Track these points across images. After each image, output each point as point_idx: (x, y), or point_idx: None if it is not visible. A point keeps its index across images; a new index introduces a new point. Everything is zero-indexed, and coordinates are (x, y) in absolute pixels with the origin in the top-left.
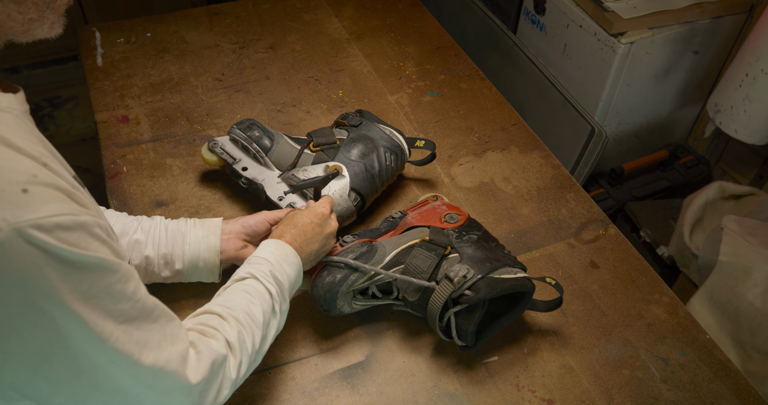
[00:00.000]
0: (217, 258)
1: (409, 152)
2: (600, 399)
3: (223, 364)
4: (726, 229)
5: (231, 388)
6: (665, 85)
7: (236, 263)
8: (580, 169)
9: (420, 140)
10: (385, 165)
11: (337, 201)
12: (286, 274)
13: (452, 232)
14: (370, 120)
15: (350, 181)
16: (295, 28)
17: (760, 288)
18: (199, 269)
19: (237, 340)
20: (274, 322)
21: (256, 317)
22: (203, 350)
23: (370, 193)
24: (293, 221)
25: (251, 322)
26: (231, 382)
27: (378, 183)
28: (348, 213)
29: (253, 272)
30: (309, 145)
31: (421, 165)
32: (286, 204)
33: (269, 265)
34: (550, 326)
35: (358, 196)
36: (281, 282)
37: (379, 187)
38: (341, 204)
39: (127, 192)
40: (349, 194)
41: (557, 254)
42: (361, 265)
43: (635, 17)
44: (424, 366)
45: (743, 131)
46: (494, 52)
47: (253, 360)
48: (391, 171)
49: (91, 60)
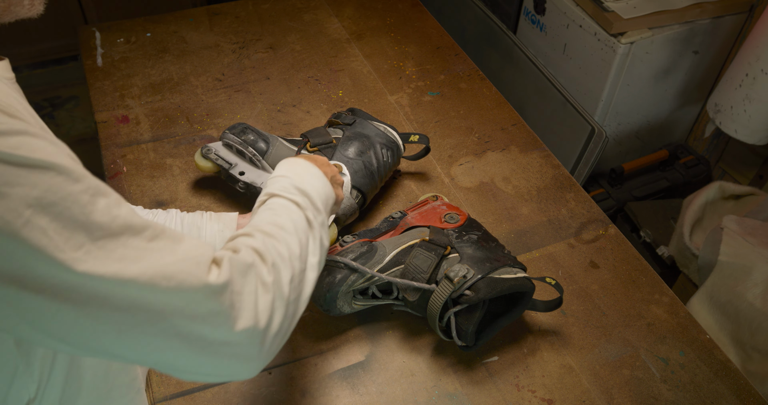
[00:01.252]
0: None
1: (404, 147)
2: (600, 399)
3: (251, 268)
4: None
5: (281, 301)
6: (665, 85)
7: None
8: (580, 169)
9: (414, 135)
10: (382, 161)
11: None
12: (309, 184)
13: (452, 232)
14: (363, 117)
15: (351, 179)
16: (295, 28)
17: (760, 288)
18: None
19: (263, 246)
20: (311, 232)
21: (285, 225)
22: (224, 261)
23: (370, 190)
24: (296, 158)
25: (279, 230)
26: (269, 289)
27: (377, 179)
28: (351, 210)
29: (272, 191)
30: (306, 146)
31: (415, 159)
32: None
33: (288, 180)
34: (550, 326)
35: (359, 194)
36: (306, 192)
37: (378, 183)
38: (344, 202)
39: (127, 192)
40: (350, 192)
41: (557, 254)
42: (362, 268)
43: (635, 17)
44: (424, 366)
45: (743, 131)
46: (494, 52)
47: (293, 266)
48: (388, 166)
49: (91, 60)
